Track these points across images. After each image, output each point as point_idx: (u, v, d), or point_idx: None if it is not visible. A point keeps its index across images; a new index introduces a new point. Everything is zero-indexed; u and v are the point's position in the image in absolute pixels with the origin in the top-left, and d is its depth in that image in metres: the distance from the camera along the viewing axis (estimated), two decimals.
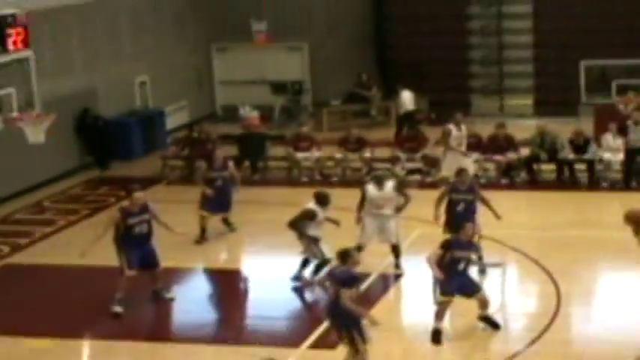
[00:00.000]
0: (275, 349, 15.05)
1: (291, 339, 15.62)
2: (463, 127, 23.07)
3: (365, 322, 13.33)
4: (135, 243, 16.44)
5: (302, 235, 17.15)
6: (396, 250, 17.97)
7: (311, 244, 17.15)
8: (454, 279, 14.98)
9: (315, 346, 15.15)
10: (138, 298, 16.92)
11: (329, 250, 16.86)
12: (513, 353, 14.51)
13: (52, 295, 17.53)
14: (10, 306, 17.23)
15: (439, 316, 15.03)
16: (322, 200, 17.18)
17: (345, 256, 13.38)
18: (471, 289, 15.20)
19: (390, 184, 17.94)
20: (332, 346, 15.06)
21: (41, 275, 18.53)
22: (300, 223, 17.08)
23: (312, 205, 17.19)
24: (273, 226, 19.92)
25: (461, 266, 15.06)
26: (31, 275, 18.63)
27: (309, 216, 17.03)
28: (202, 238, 19.93)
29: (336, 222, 17.60)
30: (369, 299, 16.85)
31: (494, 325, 15.23)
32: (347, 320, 13.17)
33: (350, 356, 13.22)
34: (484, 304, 15.24)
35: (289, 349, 15.03)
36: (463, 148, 22.79)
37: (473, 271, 16.84)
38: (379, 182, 17.91)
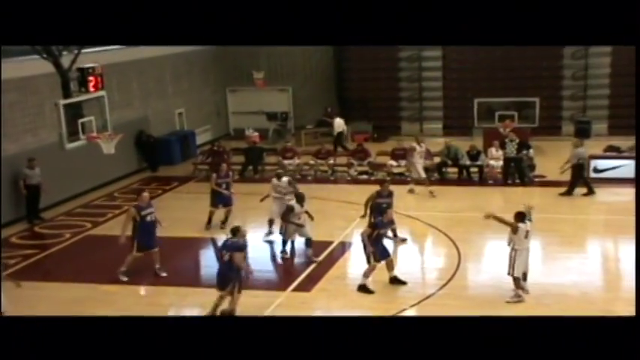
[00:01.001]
0: (269, 292, 15.15)
1: (280, 284, 15.70)
2: (423, 144, 22.61)
3: (245, 276, 13.78)
4: (148, 228, 15.94)
5: (287, 222, 16.89)
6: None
7: (291, 227, 16.87)
8: (380, 248, 15.03)
9: (296, 289, 15.27)
10: (178, 260, 16.93)
11: (309, 229, 16.93)
12: (428, 294, 14.65)
13: (119, 256, 17.45)
14: (90, 263, 17.23)
15: (367, 275, 14.96)
16: (299, 199, 16.98)
17: (235, 231, 13.83)
18: (387, 254, 15.27)
19: (285, 179, 18.63)
20: (308, 289, 15.19)
21: (111, 243, 18.43)
22: (286, 215, 16.90)
23: (293, 202, 17.04)
24: (269, 210, 19.93)
25: (384, 239, 15.19)
26: (105, 243, 18.54)
27: (290, 209, 16.84)
28: (209, 225, 19.20)
29: (311, 216, 17.35)
30: (332, 259, 16.97)
31: (402, 283, 15.16)
32: (233, 276, 13.41)
33: (232, 299, 13.45)
34: (392, 265, 15.26)
35: (279, 292, 15.12)
36: (423, 159, 22.32)
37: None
38: (279, 177, 18.80)
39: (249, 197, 20.77)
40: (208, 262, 17.75)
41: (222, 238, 18.43)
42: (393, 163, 24.12)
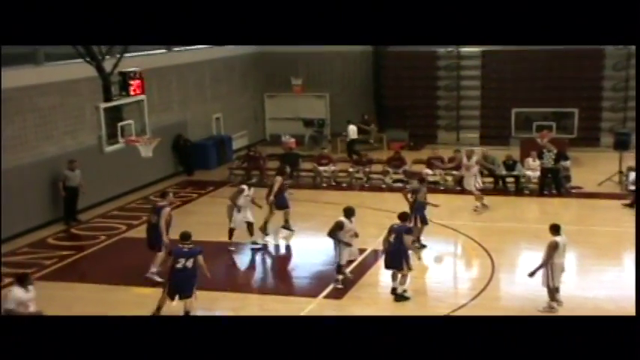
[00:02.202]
0: (301, 298, 15.10)
1: (312, 291, 15.63)
2: (473, 157, 21.71)
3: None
4: (169, 226, 16.36)
5: (338, 241, 15.32)
6: (250, 228, 18.27)
7: (344, 248, 15.33)
8: None
9: (328, 296, 15.21)
10: (209, 264, 16.95)
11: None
12: (460, 305, 14.52)
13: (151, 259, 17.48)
14: (124, 266, 17.32)
15: (404, 282, 14.96)
16: (348, 213, 15.41)
17: (188, 236, 14.01)
18: None
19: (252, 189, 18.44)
20: (338, 297, 15.14)
21: (146, 246, 18.45)
22: (334, 233, 15.29)
23: (341, 217, 15.40)
24: (304, 216, 19.97)
25: None
26: (139, 246, 18.58)
27: (339, 226, 15.19)
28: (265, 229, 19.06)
29: (356, 234, 15.72)
30: (365, 267, 16.87)
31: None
32: (195, 280, 13.74)
33: (192, 301, 13.75)
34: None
35: (311, 298, 15.10)
36: (472, 170, 21.41)
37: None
38: (251, 186, 18.52)
39: None
40: (240, 267, 17.80)
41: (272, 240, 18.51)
42: (429, 171, 23.98)
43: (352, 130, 28.51)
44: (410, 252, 14.98)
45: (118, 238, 19.55)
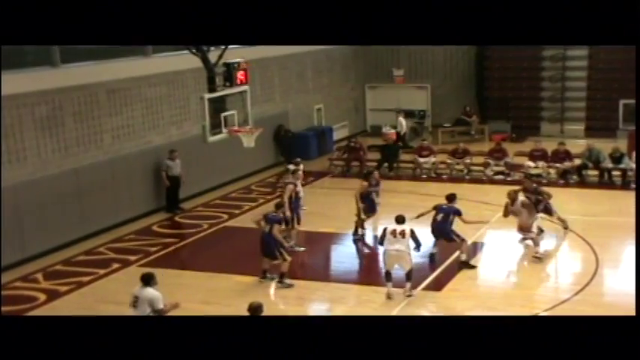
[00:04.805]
0: (400, 289, 15.00)
1: (412, 282, 15.46)
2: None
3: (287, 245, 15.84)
4: None
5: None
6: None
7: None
8: None
9: (427, 288, 15.08)
10: (308, 254, 17.08)
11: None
12: (562, 300, 14.16)
13: (253, 248, 17.20)
14: (225, 254, 17.63)
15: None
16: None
17: (278, 206, 16.03)
18: None
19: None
20: (438, 289, 15.01)
21: (247, 234, 18.46)
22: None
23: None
24: (402, 207, 19.65)
25: None
26: (241, 234, 18.88)
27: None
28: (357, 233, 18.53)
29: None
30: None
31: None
32: (276, 244, 15.18)
33: (281, 263, 15.19)
34: None
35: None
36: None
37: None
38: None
39: (385, 194, 20.36)
40: (339, 258, 17.82)
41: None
42: (531, 164, 23.49)
43: (404, 123, 28.57)
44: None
45: (220, 227, 19.83)
